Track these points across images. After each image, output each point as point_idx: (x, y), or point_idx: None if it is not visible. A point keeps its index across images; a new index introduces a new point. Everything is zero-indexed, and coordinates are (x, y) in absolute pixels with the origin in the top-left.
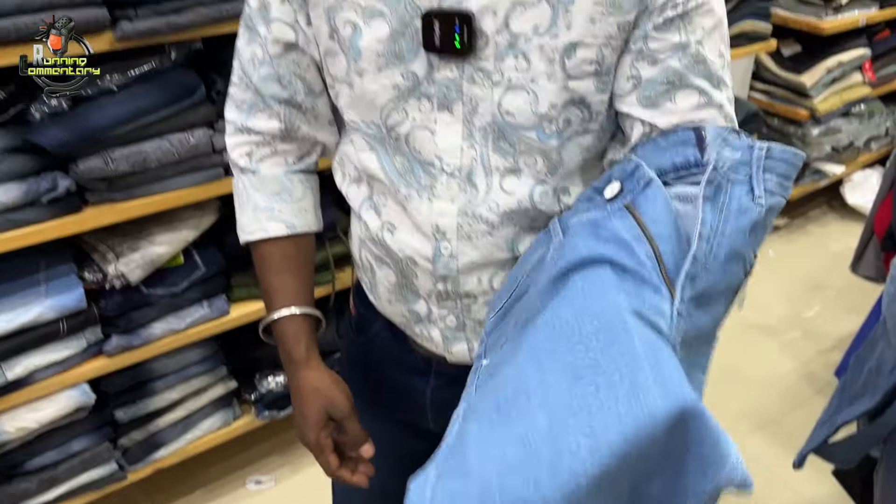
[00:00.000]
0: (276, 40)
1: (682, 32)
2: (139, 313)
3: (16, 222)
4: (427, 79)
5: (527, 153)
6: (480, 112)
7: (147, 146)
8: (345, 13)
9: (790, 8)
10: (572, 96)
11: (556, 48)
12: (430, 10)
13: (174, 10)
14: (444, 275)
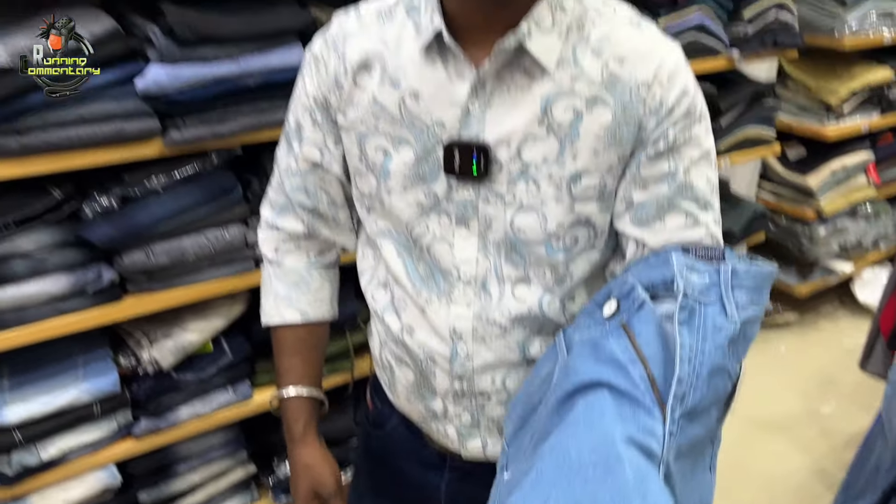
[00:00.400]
0: (306, 158)
1: (671, 162)
2: (168, 397)
3: (62, 310)
4: (447, 198)
5: (536, 265)
6: (494, 228)
7: (186, 241)
8: (376, 140)
9: (794, 114)
10: (578, 217)
11: (563, 176)
12: (452, 142)
13: (218, 120)
14: (461, 374)
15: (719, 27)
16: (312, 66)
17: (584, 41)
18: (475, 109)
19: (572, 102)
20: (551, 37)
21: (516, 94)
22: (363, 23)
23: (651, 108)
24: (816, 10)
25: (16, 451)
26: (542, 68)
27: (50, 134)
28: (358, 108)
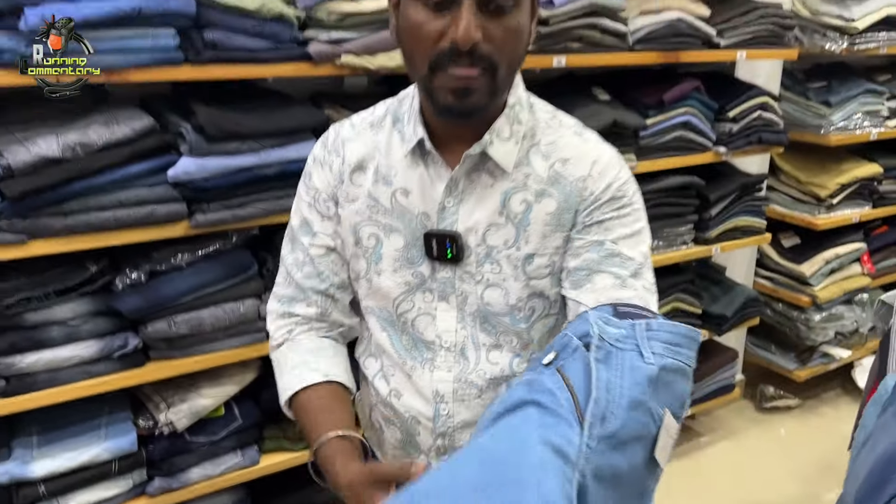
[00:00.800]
0: (320, 246)
1: (599, 234)
2: (181, 458)
3: (91, 373)
4: (431, 277)
5: (504, 333)
6: (469, 302)
7: (205, 313)
8: (370, 228)
9: (787, 205)
10: (533, 291)
11: (518, 258)
12: (429, 231)
13: (239, 205)
14: (443, 432)
15: (706, 125)
16: (318, 168)
17: (536, 146)
18: (450, 204)
19: (525, 196)
20: (509, 144)
21: (482, 191)
22: (357, 131)
23: (584, 196)
24: (802, 110)
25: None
26: (502, 170)
27: (90, 216)
28: (355, 202)
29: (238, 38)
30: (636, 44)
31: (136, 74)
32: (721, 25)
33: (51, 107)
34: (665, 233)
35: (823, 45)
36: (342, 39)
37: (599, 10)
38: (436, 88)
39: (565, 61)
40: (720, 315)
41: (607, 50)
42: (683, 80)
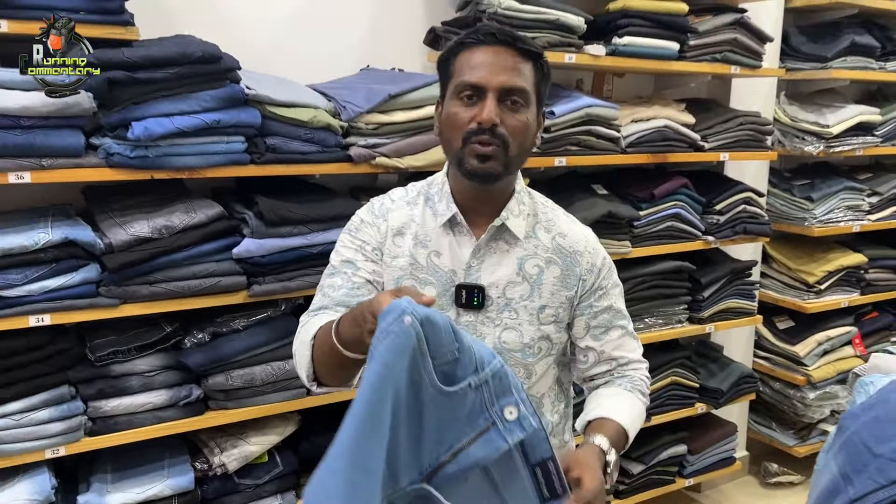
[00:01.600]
0: (360, 277)
1: (607, 299)
2: (230, 498)
3: (160, 419)
4: (456, 321)
5: (514, 365)
6: (488, 341)
7: (256, 369)
8: (409, 281)
9: (779, 290)
10: (542, 334)
11: (533, 308)
12: (461, 284)
13: (288, 279)
14: None
15: (695, 216)
16: (367, 227)
17: (539, 223)
18: (475, 264)
19: (537, 262)
20: (520, 219)
21: (500, 255)
22: (397, 205)
23: (586, 268)
24: (788, 205)
25: None
26: (516, 238)
27: (170, 285)
28: (397, 258)
29: (293, 143)
30: (628, 147)
31: (211, 172)
32: (705, 131)
33: (144, 196)
34: (661, 312)
35: (803, 147)
36: (377, 144)
37: (594, 119)
38: (465, 156)
39: (566, 161)
40: (716, 389)
41: (602, 152)
42: (673, 178)
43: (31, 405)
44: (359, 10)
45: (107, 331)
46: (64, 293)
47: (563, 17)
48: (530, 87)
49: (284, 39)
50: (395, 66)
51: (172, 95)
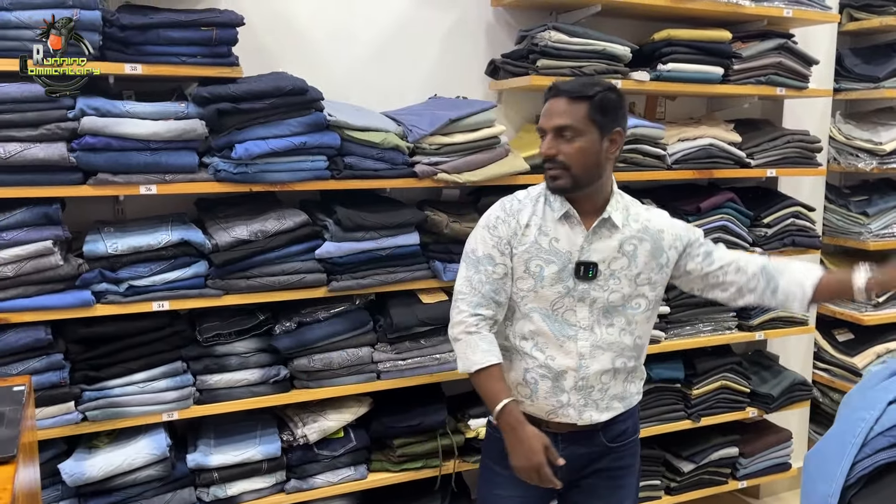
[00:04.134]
0: (501, 272)
1: (703, 246)
2: (310, 466)
3: (254, 393)
4: (573, 289)
5: (617, 317)
6: (597, 301)
7: (334, 355)
8: (536, 261)
9: (837, 303)
10: (639, 293)
11: (630, 275)
12: (579, 261)
13: (362, 277)
14: (583, 376)
15: (742, 229)
16: (502, 223)
17: (630, 215)
18: (586, 246)
19: (633, 242)
20: (619, 213)
21: (606, 240)
22: (523, 204)
23: (670, 239)
24: (843, 219)
25: (213, 486)
26: (617, 227)
27: (264, 279)
28: (525, 245)
29: (366, 162)
30: (674, 164)
31: (298, 185)
32: (752, 149)
33: (243, 206)
34: (709, 318)
35: (856, 164)
36: (439, 162)
37: (640, 138)
38: (545, 178)
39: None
40: (767, 395)
41: (648, 169)
42: (720, 193)
43: (152, 376)
44: (429, 45)
45: (212, 317)
46: (179, 284)
47: (610, 47)
48: (580, 121)
49: (363, 73)
50: (459, 95)
51: (268, 122)
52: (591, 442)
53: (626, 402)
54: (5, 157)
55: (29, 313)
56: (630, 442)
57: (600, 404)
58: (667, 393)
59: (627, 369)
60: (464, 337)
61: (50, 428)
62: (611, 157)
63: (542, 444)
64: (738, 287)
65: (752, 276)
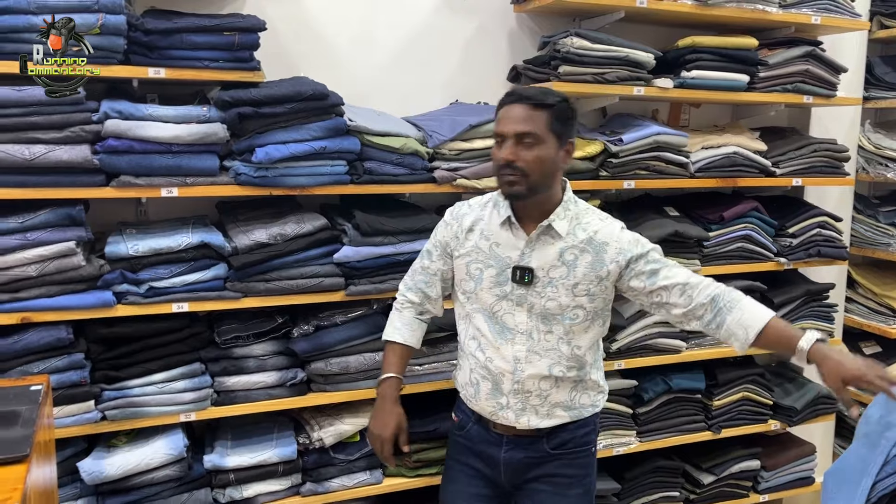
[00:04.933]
0: (431, 269)
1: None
2: (325, 470)
3: (271, 396)
4: (511, 293)
5: (556, 324)
6: (535, 307)
7: (351, 359)
8: (476, 264)
9: (864, 315)
10: (576, 304)
11: (567, 284)
12: (516, 265)
13: (380, 281)
14: (518, 380)
15: (767, 238)
16: (444, 226)
17: (579, 224)
18: (526, 252)
19: (573, 252)
20: (564, 221)
21: (547, 247)
22: (472, 209)
23: (614, 251)
24: (872, 230)
25: (229, 488)
26: (559, 235)
27: (282, 283)
28: (466, 249)
29: (386, 167)
30: (697, 172)
31: (318, 190)
32: (777, 157)
33: (263, 210)
34: None
35: (886, 174)
36: (458, 168)
37: (663, 145)
38: (500, 184)
39: (634, 184)
40: (790, 407)
41: (671, 177)
42: (744, 201)
43: (170, 376)
44: (451, 51)
45: (231, 319)
46: (199, 286)
47: (633, 53)
48: (541, 129)
49: (385, 78)
50: (480, 100)
51: (288, 126)
52: (533, 447)
53: (573, 413)
54: (31, 159)
55: (51, 313)
56: (578, 452)
57: (540, 410)
58: (687, 403)
59: (570, 378)
60: (392, 311)
61: (70, 426)
62: (563, 166)
63: (396, 424)
64: (683, 311)
65: (698, 304)
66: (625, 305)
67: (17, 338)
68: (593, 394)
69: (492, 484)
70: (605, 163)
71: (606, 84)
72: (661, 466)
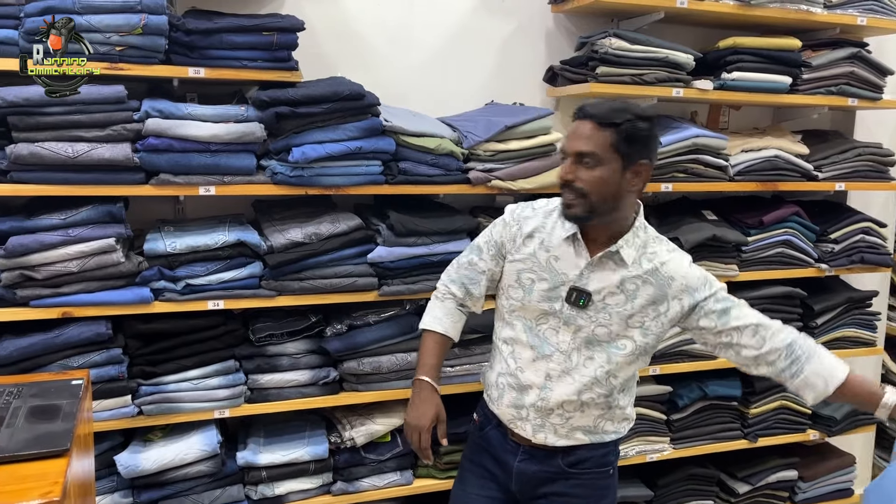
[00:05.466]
0: (480, 267)
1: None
2: (356, 469)
3: (304, 394)
4: (560, 311)
5: (599, 352)
6: (582, 331)
7: (383, 359)
8: (529, 274)
9: None
10: (627, 335)
11: (623, 314)
12: (573, 286)
13: (413, 282)
14: (543, 397)
15: (807, 244)
16: (503, 225)
17: (645, 254)
18: (585, 273)
19: (635, 281)
20: (631, 249)
21: (608, 272)
22: (535, 213)
23: (678, 288)
24: None
25: (261, 485)
26: (624, 263)
27: (316, 282)
28: (521, 255)
29: (421, 167)
30: (736, 175)
31: (353, 190)
32: (820, 161)
33: (298, 209)
34: None
35: None
36: (493, 169)
37: (701, 148)
38: (561, 203)
39: (672, 187)
40: (830, 417)
41: (709, 180)
42: (784, 206)
43: (205, 373)
44: (487, 51)
45: (265, 317)
46: (234, 284)
47: (672, 54)
48: (603, 149)
49: (421, 78)
50: (516, 101)
51: (324, 126)
52: (548, 462)
53: (594, 437)
54: (74, 157)
55: (91, 308)
56: (595, 473)
57: (559, 430)
58: (722, 410)
59: (598, 405)
60: (431, 300)
61: (108, 420)
62: (632, 189)
63: (435, 414)
64: (755, 354)
65: (773, 349)
66: None
67: (57, 332)
68: (618, 422)
69: (504, 489)
70: None
71: (645, 85)
72: (696, 474)
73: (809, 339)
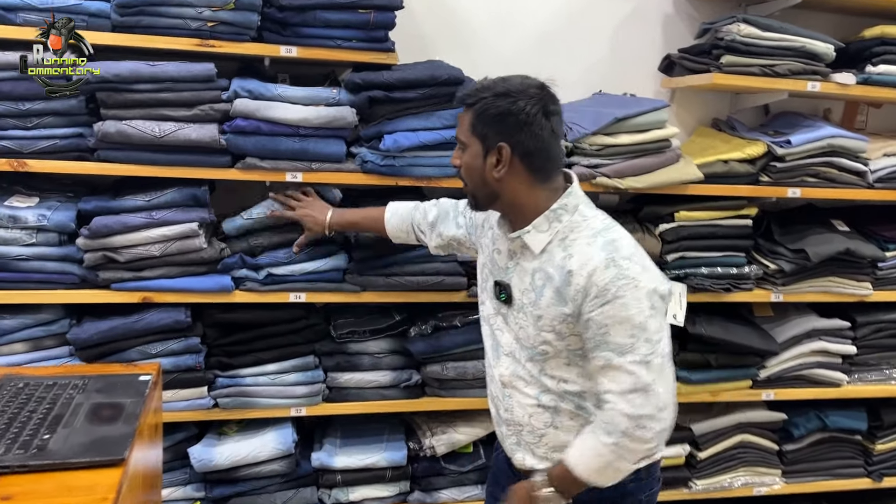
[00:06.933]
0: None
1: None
2: (436, 479)
3: (384, 396)
4: (499, 310)
5: (532, 354)
6: (519, 332)
7: (469, 364)
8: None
9: None
10: (542, 339)
11: (533, 315)
12: (496, 280)
13: None
14: (508, 407)
15: None
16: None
17: (564, 240)
18: (511, 266)
19: (543, 275)
20: (543, 235)
21: (525, 263)
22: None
23: (574, 289)
24: None
25: (335, 489)
26: (532, 252)
27: (402, 279)
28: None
29: None
30: (876, 182)
31: (445, 182)
32: None
33: (386, 199)
34: None
35: None
36: (599, 165)
37: (838, 150)
38: None
39: (800, 192)
40: None
41: (844, 186)
42: None
43: (283, 368)
44: (598, 36)
45: (347, 313)
46: (317, 276)
47: (810, 43)
48: (464, 132)
49: (524, 64)
50: (626, 91)
51: (419, 113)
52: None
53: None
54: (160, 136)
55: (171, 294)
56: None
57: (536, 451)
58: (844, 444)
59: (562, 411)
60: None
61: (182, 411)
62: (497, 175)
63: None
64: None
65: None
66: (777, 329)
67: (137, 317)
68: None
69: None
70: (768, 167)
71: (776, 78)
72: None
73: (605, 429)
